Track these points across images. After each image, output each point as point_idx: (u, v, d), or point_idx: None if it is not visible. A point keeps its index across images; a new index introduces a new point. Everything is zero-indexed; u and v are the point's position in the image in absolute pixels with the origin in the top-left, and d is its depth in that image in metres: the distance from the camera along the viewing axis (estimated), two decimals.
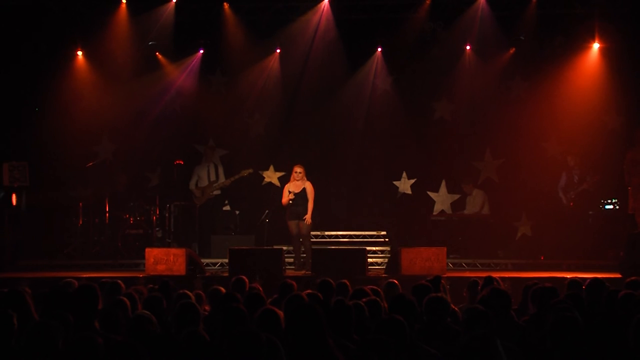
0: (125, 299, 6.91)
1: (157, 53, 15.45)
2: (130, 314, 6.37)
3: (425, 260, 11.92)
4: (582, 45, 14.74)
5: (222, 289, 7.49)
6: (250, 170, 14.78)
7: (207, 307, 7.62)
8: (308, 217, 13.05)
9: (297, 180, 13.06)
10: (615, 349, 5.16)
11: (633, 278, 8.49)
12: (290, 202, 12.96)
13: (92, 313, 6.32)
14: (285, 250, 13.17)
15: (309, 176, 13.21)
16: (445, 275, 10.70)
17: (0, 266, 12.38)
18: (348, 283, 7.67)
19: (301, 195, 13.02)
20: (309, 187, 13.07)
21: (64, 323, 5.66)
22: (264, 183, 15.83)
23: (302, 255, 13.19)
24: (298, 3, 14.87)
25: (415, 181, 15.76)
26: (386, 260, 13.70)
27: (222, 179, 14.92)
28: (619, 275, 11.11)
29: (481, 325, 5.44)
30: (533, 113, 14.85)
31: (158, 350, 5.17)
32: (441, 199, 15.64)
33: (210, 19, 15.08)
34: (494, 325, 5.54)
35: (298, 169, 13.06)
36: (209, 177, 14.96)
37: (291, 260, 13.54)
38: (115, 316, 6.21)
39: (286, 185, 13.22)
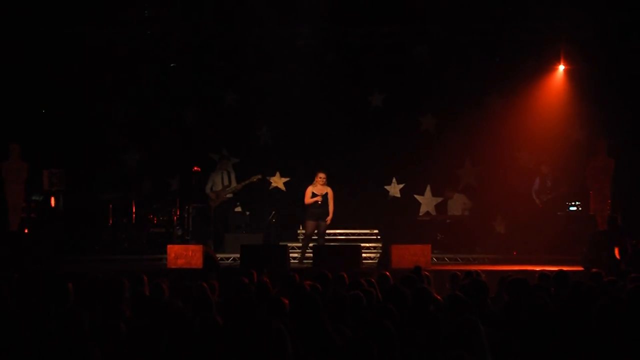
0: (149, 288, 6.95)
1: None
2: (153, 302, 6.39)
3: (412, 255, 11.90)
4: (550, 66, 14.78)
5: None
6: (259, 176, 14.77)
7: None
8: (329, 218, 13.22)
9: (321, 185, 13.13)
10: (580, 330, 5.18)
11: (594, 270, 8.54)
12: (317, 203, 13.03)
13: (118, 301, 6.36)
14: (289, 247, 13.17)
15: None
16: (430, 269, 10.68)
17: (42, 261, 12.36)
18: (345, 275, 7.68)
19: (324, 199, 13.11)
20: (330, 192, 13.19)
21: (91, 310, 5.69)
22: (271, 187, 15.83)
23: (307, 252, 13.20)
24: (303, 29, 14.88)
25: (404, 186, 15.77)
26: (378, 255, 13.71)
27: (234, 184, 14.90)
28: (581, 268, 11.12)
29: (461, 311, 5.45)
30: (507, 126, 14.85)
31: (178, 333, 5.18)
32: (426, 202, 15.65)
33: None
34: (472, 312, 5.56)
35: (322, 175, 13.15)
36: (222, 182, 14.95)
37: (295, 255, 13.55)
38: (140, 304, 6.25)
39: (309, 188, 13.22)
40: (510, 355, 5.05)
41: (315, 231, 13.41)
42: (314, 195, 13.19)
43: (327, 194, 13.16)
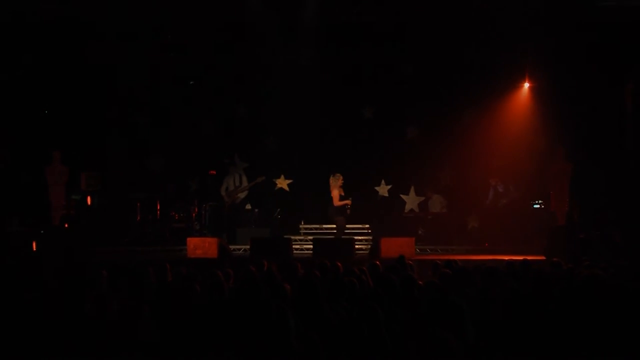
0: (171, 274, 6.97)
1: None
2: (174, 286, 6.41)
3: (398, 246, 11.92)
4: (516, 84, 14.85)
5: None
6: (263, 177, 14.85)
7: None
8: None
9: (340, 187, 13.34)
10: (541, 310, 5.19)
11: (554, 259, 8.56)
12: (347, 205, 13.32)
13: (144, 287, 6.37)
14: (292, 239, 13.19)
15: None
16: (414, 258, 10.71)
17: (79, 253, 12.38)
18: (340, 264, 7.69)
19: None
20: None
21: (121, 293, 5.70)
22: (276, 188, 15.82)
23: (308, 244, 13.28)
24: (304, 51, 14.89)
25: (391, 187, 15.76)
26: (369, 246, 13.73)
27: (244, 185, 14.98)
28: (543, 258, 11.15)
29: (439, 294, 5.46)
30: (480, 136, 14.85)
31: (197, 312, 5.19)
32: (410, 201, 15.64)
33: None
34: (449, 294, 5.57)
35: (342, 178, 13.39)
36: (234, 184, 14.98)
37: (297, 246, 13.55)
38: (163, 288, 6.26)
39: (336, 191, 13.37)
40: (485, 330, 5.05)
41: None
42: (342, 198, 13.29)
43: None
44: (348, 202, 13.24)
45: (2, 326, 4.96)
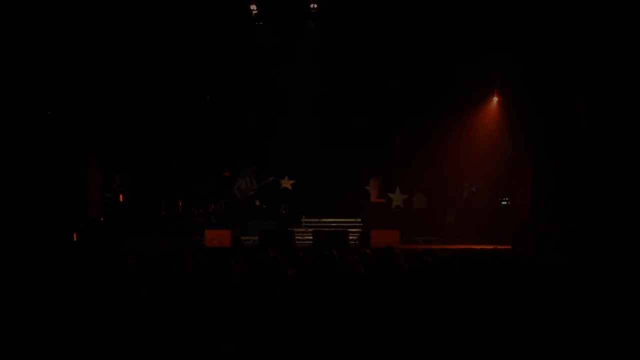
0: (190, 260, 7.02)
1: None
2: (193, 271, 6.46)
3: (386, 237, 11.94)
4: (487, 98, 14.87)
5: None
6: (272, 178, 14.88)
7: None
8: None
9: None
10: (508, 291, 5.27)
11: (519, 248, 8.61)
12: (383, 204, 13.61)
13: (168, 271, 6.43)
14: (295, 231, 13.21)
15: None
16: (399, 248, 10.72)
17: (112, 244, 12.43)
18: (335, 253, 7.73)
19: None
20: None
21: (149, 277, 5.74)
22: (281, 188, 15.85)
23: (308, 235, 13.31)
24: (305, 68, 14.95)
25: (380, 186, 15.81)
26: (361, 237, 13.76)
27: (254, 184, 15.03)
28: (510, 247, 11.19)
29: (422, 278, 5.51)
30: (456, 143, 14.91)
31: (216, 289, 5.24)
32: (396, 198, 15.66)
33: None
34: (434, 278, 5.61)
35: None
36: (245, 184, 15.03)
37: (299, 237, 13.59)
38: (184, 273, 6.31)
39: (377, 191, 13.67)
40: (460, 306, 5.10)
41: None
42: (379, 196, 13.59)
43: None
44: (383, 200, 13.28)
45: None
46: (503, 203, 14.62)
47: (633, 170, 11.81)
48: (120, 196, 14.92)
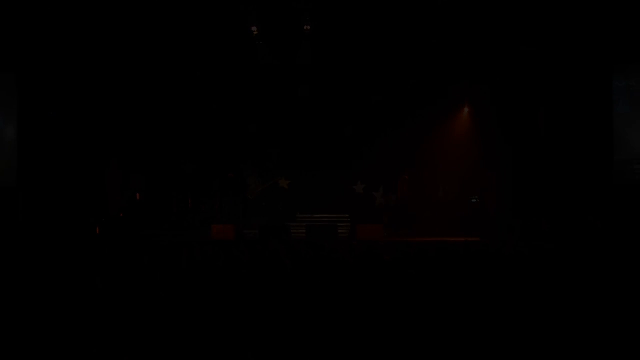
0: (199, 251, 6.98)
1: None
2: (202, 262, 6.42)
3: (371, 231, 11.98)
4: (459, 109, 14.89)
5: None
6: (275, 180, 14.86)
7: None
8: None
9: None
10: (475, 276, 5.27)
11: (487, 241, 8.63)
12: None
13: (178, 261, 6.38)
14: (291, 225, 13.17)
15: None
16: (382, 241, 10.73)
17: (129, 234, 12.37)
18: (326, 245, 7.72)
19: None
20: None
21: (160, 266, 5.69)
22: (279, 187, 15.82)
23: (302, 229, 13.24)
24: (300, 83, 14.91)
25: (365, 186, 15.76)
26: (348, 231, 13.77)
27: (255, 184, 14.99)
28: (478, 239, 11.22)
29: (402, 267, 5.49)
30: (432, 148, 14.93)
31: (222, 276, 5.21)
32: (380, 197, 15.68)
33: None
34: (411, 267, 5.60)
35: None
36: (255, 183, 14.99)
37: (295, 231, 13.55)
38: (193, 263, 6.27)
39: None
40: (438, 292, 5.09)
41: None
42: None
43: None
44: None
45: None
46: (473, 201, 14.66)
47: (585, 170, 11.87)
48: (137, 194, 14.86)
